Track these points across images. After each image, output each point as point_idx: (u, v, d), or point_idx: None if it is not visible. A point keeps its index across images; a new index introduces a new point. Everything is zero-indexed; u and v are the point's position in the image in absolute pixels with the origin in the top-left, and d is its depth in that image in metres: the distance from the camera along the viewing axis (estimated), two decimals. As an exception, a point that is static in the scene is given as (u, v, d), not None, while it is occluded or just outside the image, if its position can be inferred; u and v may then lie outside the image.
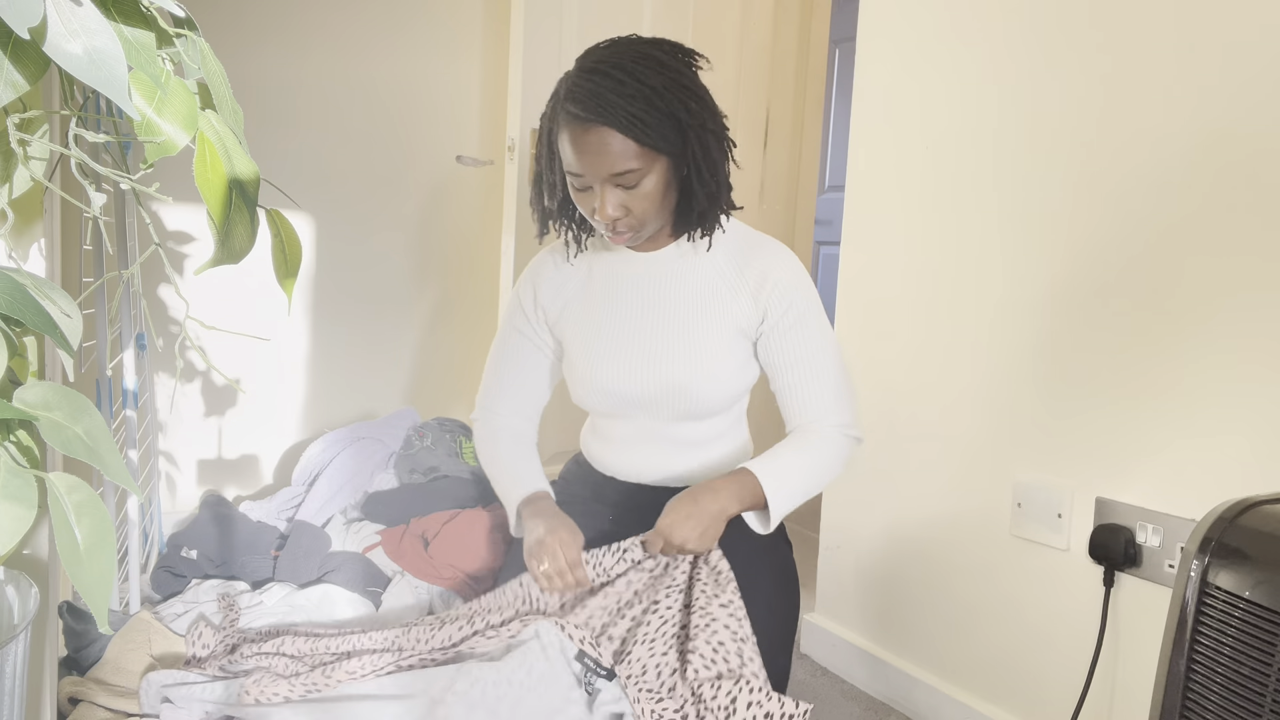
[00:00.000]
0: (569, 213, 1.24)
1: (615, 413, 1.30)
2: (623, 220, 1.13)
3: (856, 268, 1.75)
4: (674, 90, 1.09)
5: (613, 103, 1.05)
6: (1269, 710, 0.74)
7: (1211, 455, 1.18)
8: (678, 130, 1.10)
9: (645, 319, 1.25)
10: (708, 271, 1.25)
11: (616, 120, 1.06)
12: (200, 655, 1.33)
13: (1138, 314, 1.26)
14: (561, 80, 1.13)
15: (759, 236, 1.29)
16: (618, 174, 1.09)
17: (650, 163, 1.10)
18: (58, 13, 0.50)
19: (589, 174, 1.10)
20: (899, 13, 1.65)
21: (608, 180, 1.10)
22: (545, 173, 1.19)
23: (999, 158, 1.46)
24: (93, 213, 0.63)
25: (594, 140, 1.07)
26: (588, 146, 1.08)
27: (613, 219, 1.12)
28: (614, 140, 1.07)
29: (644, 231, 1.17)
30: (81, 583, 0.56)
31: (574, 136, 1.09)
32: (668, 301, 1.25)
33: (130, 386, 1.55)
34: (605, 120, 1.06)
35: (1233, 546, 0.80)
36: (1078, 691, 1.32)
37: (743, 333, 1.24)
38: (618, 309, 1.27)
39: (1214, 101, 1.17)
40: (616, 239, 1.17)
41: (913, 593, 1.62)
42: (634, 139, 1.07)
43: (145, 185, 0.65)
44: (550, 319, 1.33)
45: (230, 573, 1.72)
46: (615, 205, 1.11)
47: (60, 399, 0.57)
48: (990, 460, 1.47)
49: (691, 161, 1.13)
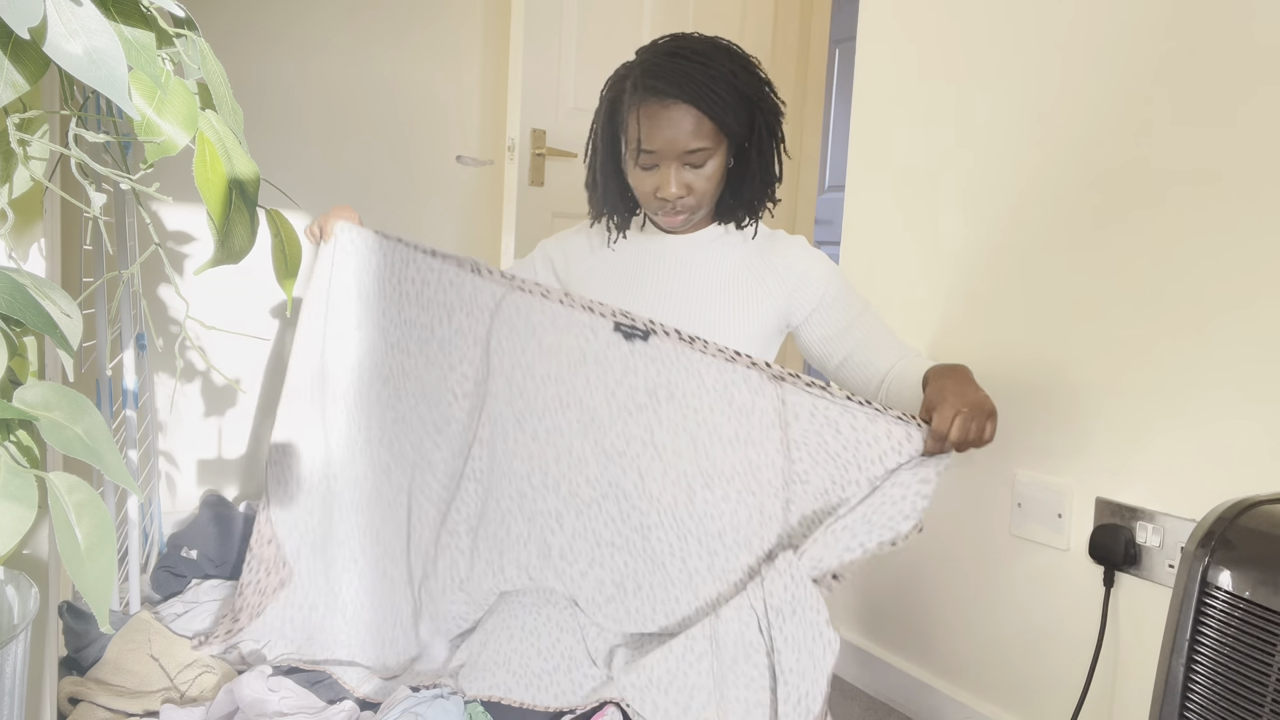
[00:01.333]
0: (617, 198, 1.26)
1: None
2: (683, 200, 1.17)
3: (856, 268, 1.75)
4: (748, 77, 1.14)
5: (697, 81, 1.10)
6: (1269, 710, 0.74)
7: (1211, 455, 1.18)
8: (748, 115, 1.15)
9: (667, 295, 1.27)
10: (733, 259, 1.27)
11: (700, 98, 1.10)
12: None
13: (1138, 315, 1.26)
14: (630, 65, 1.17)
15: (774, 231, 1.33)
16: (690, 151, 1.13)
17: (717, 144, 1.14)
18: (58, 13, 0.50)
19: (662, 150, 1.13)
20: (899, 13, 1.65)
21: (677, 158, 1.13)
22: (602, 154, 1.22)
23: (999, 158, 1.46)
24: (93, 213, 0.63)
25: (673, 116, 1.11)
26: (667, 122, 1.11)
27: (676, 197, 1.16)
28: (691, 118, 1.11)
29: (697, 214, 1.21)
30: (82, 583, 0.56)
31: (652, 112, 1.12)
32: (692, 282, 1.27)
33: (130, 386, 1.55)
34: (687, 97, 1.10)
35: (1233, 546, 0.80)
36: (1078, 691, 1.32)
37: (766, 315, 1.25)
38: (642, 284, 1.28)
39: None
40: (671, 220, 1.20)
41: (913, 592, 1.62)
42: (711, 118, 1.11)
43: (145, 185, 0.65)
44: (570, 280, 1.35)
45: (230, 573, 1.71)
46: (680, 184, 1.15)
47: (60, 399, 0.57)
48: (990, 460, 1.47)
49: (755, 147, 1.18)
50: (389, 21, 2.24)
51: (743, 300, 1.25)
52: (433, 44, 2.31)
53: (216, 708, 1.25)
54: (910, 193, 1.63)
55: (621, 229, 1.29)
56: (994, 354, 1.47)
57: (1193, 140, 1.20)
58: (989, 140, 1.47)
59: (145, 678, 1.33)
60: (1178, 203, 1.21)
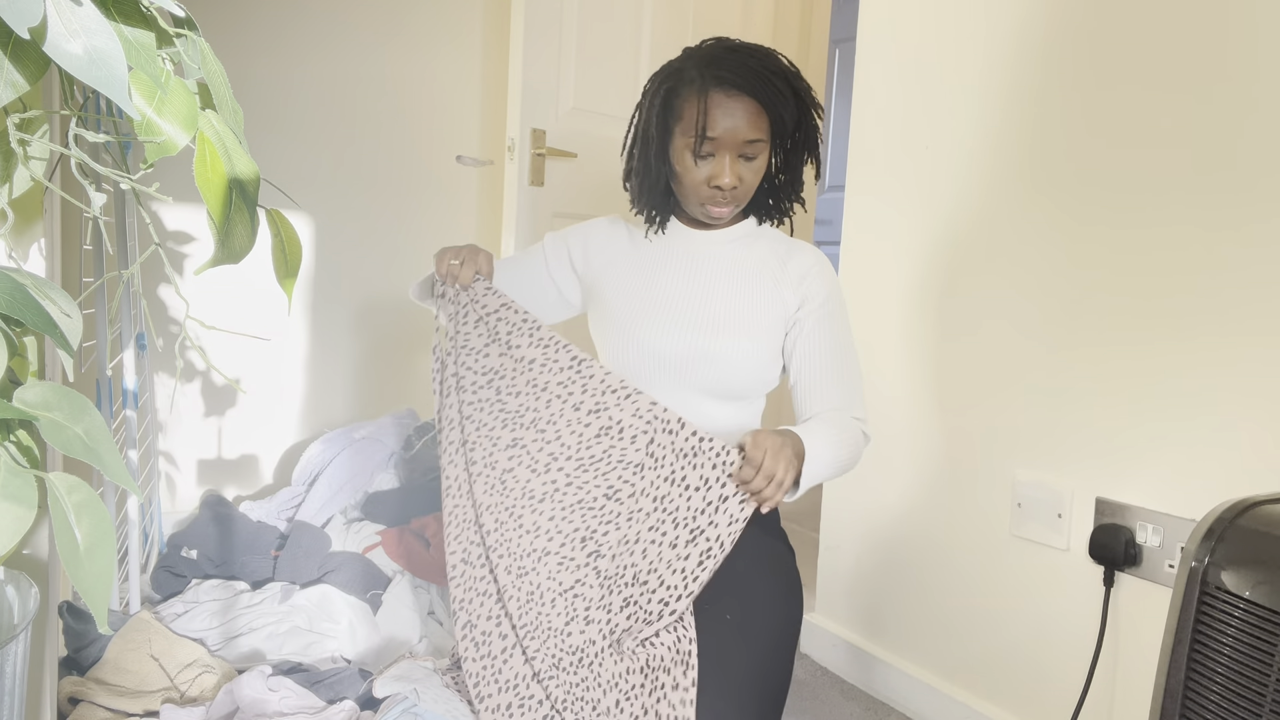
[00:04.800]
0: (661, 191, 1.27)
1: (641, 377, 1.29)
2: (735, 190, 1.21)
3: (856, 268, 1.75)
4: (800, 79, 1.20)
5: (763, 76, 1.15)
6: (1269, 710, 0.74)
7: (1211, 455, 1.18)
8: (798, 115, 1.20)
9: (691, 288, 1.28)
10: (755, 260, 1.29)
11: (760, 92, 1.15)
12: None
13: (1138, 314, 1.26)
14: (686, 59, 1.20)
15: (794, 239, 1.36)
16: (749, 142, 1.17)
17: (768, 139, 1.19)
18: (58, 13, 0.50)
19: (722, 138, 1.17)
20: (899, 13, 1.65)
21: (735, 148, 1.18)
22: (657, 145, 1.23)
23: (999, 158, 1.46)
24: (93, 213, 0.63)
25: (736, 107, 1.15)
26: (730, 112, 1.15)
27: (730, 186, 1.19)
28: (754, 109, 1.16)
29: (740, 207, 1.25)
30: (81, 583, 0.56)
31: (718, 101, 1.16)
32: (716, 276, 1.28)
33: (130, 386, 1.55)
34: (751, 90, 1.15)
35: (1233, 546, 0.80)
36: (1078, 691, 1.32)
37: (781, 320, 1.27)
38: (665, 274, 1.30)
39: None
40: (719, 211, 1.23)
41: (913, 592, 1.62)
42: (769, 113, 1.16)
43: (145, 185, 0.65)
44: (588, 272, 1.36)
45: (230, 573, 1.72)
46: (734, 174, 1.19)
47: (60, 399, 0.57)
48: (990, 460, 1.47)
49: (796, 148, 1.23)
50: (389, 21, 2.24)
51: (757, 300, 1.27)
52: (433, 43, 2.32)
53: (216, 708, 1.25)
54: (911, 192, 1.62)
55: (662, 224, 1.31)
56: (994, 354, 1.47)
57: (1193, 140, 1.20)
58: (990, 140, 1.47)
59: (145, 678, 1.33)
60: (1178, 203, 1.21)
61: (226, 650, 1.49)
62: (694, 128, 1.17)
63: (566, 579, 1.18)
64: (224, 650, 1.49)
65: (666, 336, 1.26)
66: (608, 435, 1.19)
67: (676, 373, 1.27)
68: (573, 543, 1.18)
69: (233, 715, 1.23)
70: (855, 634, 1.75)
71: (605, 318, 1.33)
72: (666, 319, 1.27)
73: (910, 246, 1.62)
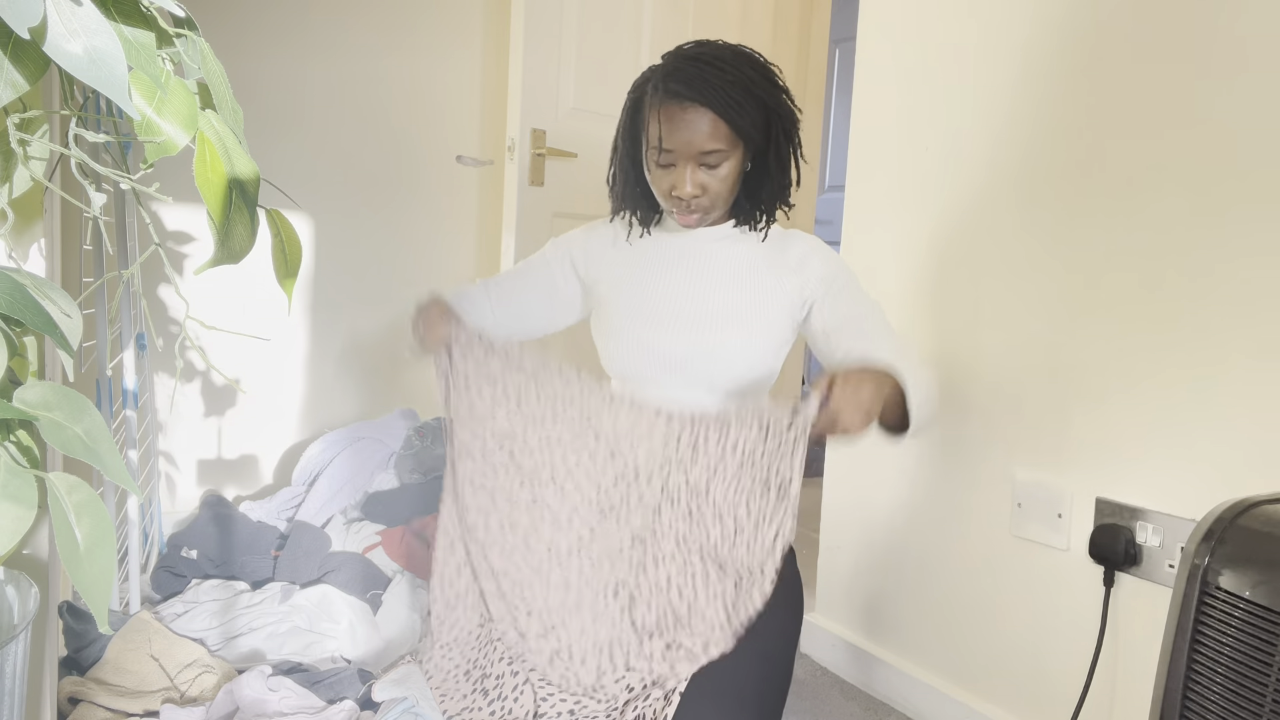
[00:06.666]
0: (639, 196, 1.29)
1: (644, 376, 1.30)
2: (698, 200, 1.20)
3: (856, 267, 1.74)
4: (766, 85, 1.18)
5: (714, 85, 1.14)
6: (1269, 710, 0.74)
7: (1211, 455, 1.18)
8: (764, 121, 1.18)
9: (689, 285, 1.29)
10: (750, 253, 1.30)
11: (715, 102, 1.14)
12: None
13: (1139, 316, 1.26)
14: (655, 68, 1.21)
15: (789, 230, 1.35)
16: (705, 153, 1.17)
17: (733, 147, 1.18)
18: (58, 13, 0.50)
19: (678, 150, 1.17)
20: (899, 13, 1.65)
21: (693, 159, 1.17)
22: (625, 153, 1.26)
23: (999, 158, 1.46)
24: (93, 213, 0.63)
25: (690, 118, 1.15)
26: (684, 124, 1.15)
27: (690, 196, 1.19)
28: (708, 120, 1.15)
29: (712, 214, 1.25)
30: (81, 583, 0.56)
31: (671, 114, 1.16)
32: (713, 273, 1.29)
33: (130, 386, 1.55)
34: (704, 101, 1.14)
35: (1233, 546, 0.80)
36: (1078, 691, 1.32)
37: (785, 311, 1.27)
38: (663, 274, 1.31)
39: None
40: (685, 219, 1.24)
41: (913, 592, 1.62)
42: (727, 121, 1.15)
43: (145, 185, 0.65)
44: (588, 273, 1.37)
45: (230, 573, 1.72)
46: (695, 184, 1.19)
47: (60, 399, 0.57)
48: (990, 460, 1.47)
49: (774, 152, 1.21)
50: (389, 21, 2.24)
51: (756, 294, 1.27)
52: (433, 44, 2.32)
53: (216, 708, 1.25)
54: (911, 193, 1.62)
55: (645, 225, 1.33)
56: (995, 354, 1.47)
57: (1194, 140, 1.20)
58: (989, 140, 1.47)
59: (145, 678, 1.33)
60: (1178, 203, 1.21)
61: (226, 650, 1.49)
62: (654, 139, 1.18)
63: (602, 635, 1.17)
64: (224, 650, 1.49)
65: (667, 333, 1.26)
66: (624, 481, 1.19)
67: (678, 369, 1.27)
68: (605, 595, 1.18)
69: (233, 715, 1.23)
70: (855, 634, 1.75)
71: (606, 318, 1.33)
72: (666, 316, 1.27)
73: (910, 247, 1.62)
